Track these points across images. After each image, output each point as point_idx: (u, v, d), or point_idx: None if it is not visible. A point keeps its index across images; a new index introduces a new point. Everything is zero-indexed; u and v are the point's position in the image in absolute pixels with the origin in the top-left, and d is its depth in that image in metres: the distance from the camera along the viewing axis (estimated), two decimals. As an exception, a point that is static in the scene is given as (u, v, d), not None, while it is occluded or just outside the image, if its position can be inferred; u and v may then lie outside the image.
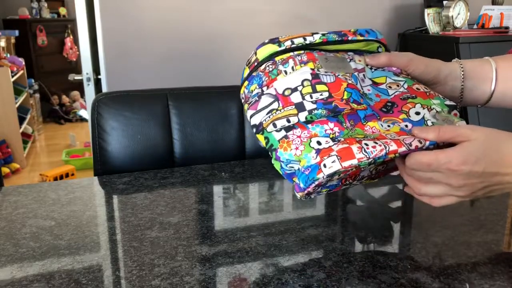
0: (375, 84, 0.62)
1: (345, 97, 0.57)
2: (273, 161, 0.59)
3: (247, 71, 0.63)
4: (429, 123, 0.58)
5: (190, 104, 1.10)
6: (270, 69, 0.60)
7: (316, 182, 0.54)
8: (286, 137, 0.57)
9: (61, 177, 3.32)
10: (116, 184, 0.90)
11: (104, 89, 1.82)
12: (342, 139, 0.55)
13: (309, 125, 0.56)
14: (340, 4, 2.08)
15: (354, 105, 0.57)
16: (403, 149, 0.53)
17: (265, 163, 1.02)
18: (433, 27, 2.05)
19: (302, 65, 0.59)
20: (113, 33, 1.79)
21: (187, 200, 0.82)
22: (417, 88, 0.62)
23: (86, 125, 4.75)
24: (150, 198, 0.83)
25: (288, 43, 0.60)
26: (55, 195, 0.84)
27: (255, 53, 0.62)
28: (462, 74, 0.67)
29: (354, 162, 0.52)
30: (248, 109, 0.60)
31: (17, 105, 3.71)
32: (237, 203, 0.81)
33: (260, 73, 0.61)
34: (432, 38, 2.02)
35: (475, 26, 2.11)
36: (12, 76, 3.70)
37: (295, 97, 0.57)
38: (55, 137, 4.58)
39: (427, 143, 0.55)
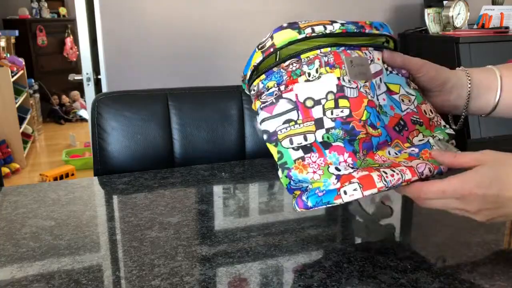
0: (389, 91, 0.61)
1: (363, 118, 0.56)
2: (280, 175, 0.56)
3: (258, 56, 0.57)
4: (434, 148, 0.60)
5: (190, 104, 1.10)
6: (293, 68, 0.56)
7: (329, 205, 0.53)
8: (303, 158, 0.54)
9: (61, 177, 3.32)
10: (116, 184, 0.90)
11: (104, 89, 1.82)
12: (360, 168, 0.54)
13: (327, 151, 0.54)
14: (340, 4, 2.08)
15: (370, 129, 0.56)
16: (416, 178, 0.54)
17: (265, 163, 1.02)
18: (433, 27, 2.05)
19: (328, 68, 0.56)
20: (113, 33, 1.79)
21: (187, 200, 0.82)
22: (424, 111, 0.62)
23: (86, 125, 4.74)
24: (150, 198, 0.83)
25: (308, 31, 0.56)
26: (55, 195, 0.84)
27: (271, 37, 0.56)
28: (469, 83, 0.67)
29: (375, 191, 0.52)
30: (261, 109, 0.57)
31: (17, 105, 3.71)
32: (237, 203, 0.81)
33: (281, 70, 0.57)
34: (432, 38, 2.02)
35: (475, 26, 2.11)
36: (12, 76, 3.70)
37: (317, 112, 0.55)
38: (55, 137, 4.58)
39: (435, 171, 0.57)
